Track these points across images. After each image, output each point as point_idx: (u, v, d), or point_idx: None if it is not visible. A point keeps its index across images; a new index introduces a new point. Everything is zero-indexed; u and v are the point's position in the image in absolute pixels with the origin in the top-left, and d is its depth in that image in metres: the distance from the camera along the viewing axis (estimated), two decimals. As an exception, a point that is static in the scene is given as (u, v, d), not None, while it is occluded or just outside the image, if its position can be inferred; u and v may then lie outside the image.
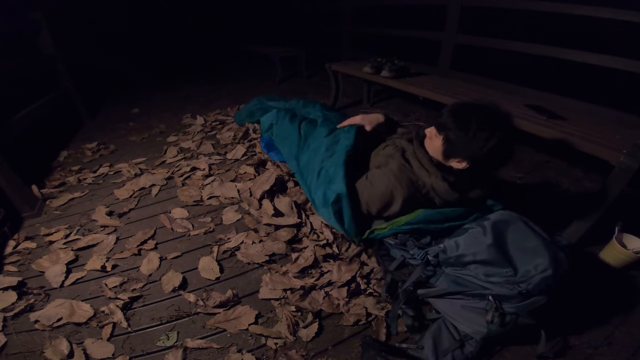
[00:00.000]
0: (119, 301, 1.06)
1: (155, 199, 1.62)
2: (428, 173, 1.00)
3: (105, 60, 4.26)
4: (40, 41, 2.45)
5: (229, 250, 1.26)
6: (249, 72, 4.32)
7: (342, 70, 2.48)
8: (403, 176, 1.02)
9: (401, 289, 0.96)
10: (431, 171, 1.00)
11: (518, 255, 0.83)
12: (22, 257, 1.29)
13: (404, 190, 1.00)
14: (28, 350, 0.93)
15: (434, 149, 1.00)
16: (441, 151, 0.97)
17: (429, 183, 0.99)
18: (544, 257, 0.80)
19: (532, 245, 0.83)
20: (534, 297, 0.78)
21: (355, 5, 3.44)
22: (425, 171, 1.01)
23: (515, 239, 0.86)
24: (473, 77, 2.23)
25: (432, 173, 0.99)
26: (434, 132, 0.99)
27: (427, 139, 1.04)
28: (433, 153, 1.02)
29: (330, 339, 0.94)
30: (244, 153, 1.91)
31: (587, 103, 1.69)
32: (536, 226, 0.89)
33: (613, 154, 1.04)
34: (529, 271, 0.80)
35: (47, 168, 2.00)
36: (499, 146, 0.88)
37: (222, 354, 0.91)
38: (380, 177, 1.06)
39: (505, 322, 0.81)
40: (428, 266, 0.93)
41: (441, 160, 1.00)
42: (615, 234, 1.12)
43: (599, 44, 1.82)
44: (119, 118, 2.88)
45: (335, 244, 1.23)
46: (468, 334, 0.87)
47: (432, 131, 1.00)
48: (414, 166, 1.03)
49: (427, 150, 1.04)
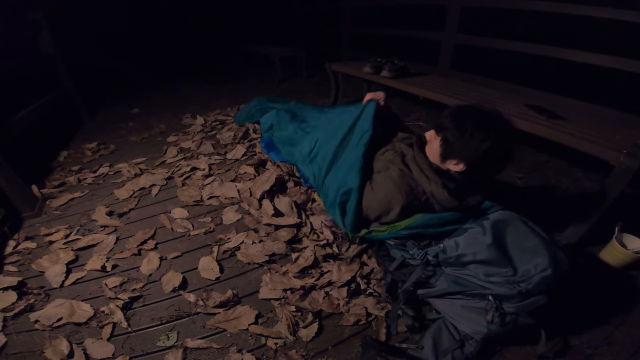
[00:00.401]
0: (119, 301, 1.06)
1: (155, 199, 1.62)
2: (428, 180, 1.00)
3: (105, 60, 4.26)
4: (40, 41, 2.45)
5: (229, 250, 1.26)
6: (249, 72, 4.32)
7: (342, 70, 2.48)
8: (402, 183, 1.01)
9: (401, 289, 0.96)
10: (431, 177, 1.00)
11: (518, 255, 0.83)
12: (22, 257, 1.29)
13: (402, 199, 1.00)
14: (28, 350, 0.93)
15: (433, 152, 1.00)
16: (439, 153, 0.98)
17: (429, 190, 1.00)
18: (543, 257, 0.80)
19: (531, 245, 0.83)
20: (534, 297, 0.78)
21: (355, 5, 3.45)
22: (425, 177, 1.01)
23: (515, 238, 0.86)
24: (473, 77, 2.23)
25: (432, 180, 0.99)
26: (433, 134, 0.99)
27: (428, 143, 1.04)
28: (432, 157, 1.02)
29: (330, 339, 0.94)
30: (244, 153, 1.91)
31: (587, 103, 1.69)
32: (535, 226, 0.89)
33: (613, 154, 1.04)
34: (528, 271, 0.80)
35: (47, 168, 2.00)
36: (494, 148, 0.88)
37: (222, 354, 0.91)
38: (380, 184, 1.06)
39: (506, 322, 0.81)
40: (428, 266, 0.93)
41: (440, 163, 1.00)
42: (615, 234, 1.12)
43: (599, 44, 1.82)
44: (119, 118, 2.88)
45: (335, 244, 1.23)
46: (468, 334, 0.87)
47: (431, 134, 1.00)
48: (414, 172, 1.03)
49: (427, 155, 1.04)
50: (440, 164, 1.00)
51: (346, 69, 2.41)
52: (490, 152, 0.88)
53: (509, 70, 2.22)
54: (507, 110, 1.38)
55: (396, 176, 1.03)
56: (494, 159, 0.93)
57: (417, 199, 1.01)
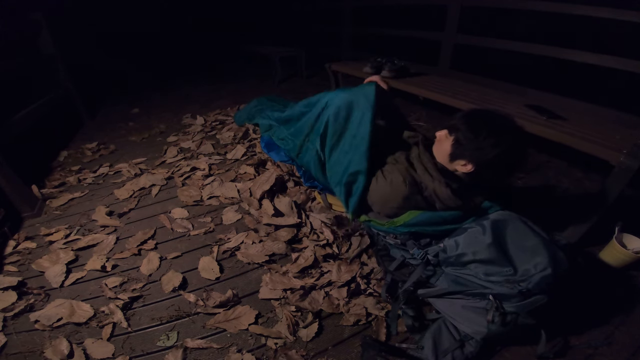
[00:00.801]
0: (119, 301, 1.06)
1: (155, 199, 1.62)
2: (431, 178, 1.01)
3: (105, 60, 4.26)
4: (40, 41, 2.45)
5: (229, 250, 1.26)
6: (249, 72, 4.32)
7: (342, 70, 2.48)
8: (407, 175, 1.03)
9: (401, 289, 0.96)
10: (434, 176, 1.00)
11: (517, 254, 0.83)
12: (22, 257, 1.29)
13: (406, 189, 1.01)
14: (28, 350, 0.93)
15: (442, 152, 1.01)
16: (449, 153, 0.98)
17: (432, 187, 1.00)
18: (543, 256, 0.80)
19: (531, 245, 0.83)
20: (535, 296, 0.78)
21: (355, 5, 3.44)
22: (429, 175, 1.01)
23: (515, 238, 0.86)
24: (473, 77, 2.23)
25: (435, 178, 1.00)
26: (445, 134, 1.00)
27: (437, 142, 1.05)
28: (439, 157, 1.03)
29: (330, 339, 0.95)
30: (244, 153, 1.91)
31: (587, 103, 1.69)
32: (535, 226, 0.89)
33: (613, 154, 1.04)
34: (528, 270, 0.80)
35: (47, 168, 2.00)
36: (505, 153, 0.90)
37: (222, 354, 0.91)
38: (384, 176, 1.07)
39: (506, 322, 0.80)
40: (428, 266, 0.93)
41: (447, 163, 1.01)
42: (615, 234, 1.12)
43: (599, 44, 1.82)
44: (119, 118, 2.88)
45: (335, 244, 1.23)
46: (468, 334, 0.87)
47: (443, 133, 1.01)
48: (418, 169, 1.04)
49: (434, 154, 1.05)
50: (447, 164, 1.01)
51: (346, 69, 2.42)
52: (501, 156, 0.89)
53: (509, 70, 2.22)
54: (507, 110, 1.39)
55: (402, 169, 1.04)
56: (504, 164, 0.94)
57: (419, 192, 1.02)
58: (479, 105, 1.50)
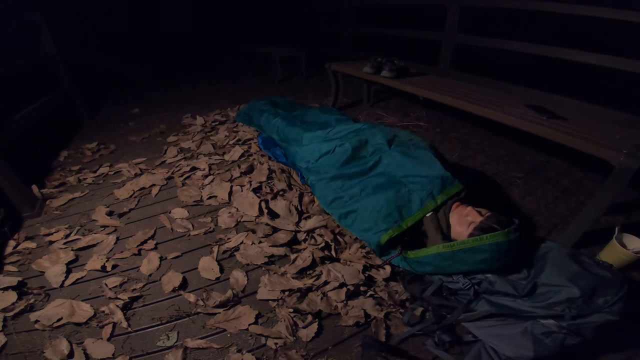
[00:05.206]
0: (119, 301, 1.06)
1: (155, 199, 1.62)
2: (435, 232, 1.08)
3: (105, 60, 4.26)
4: (40, 41, 2.45)
5: (229, 250, 1.26)
6: (249, 72, 4.32)
7: (342, 70, 2.48)
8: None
9: (443, 323, 0.92)
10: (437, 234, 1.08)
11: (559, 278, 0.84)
12: (22, 257, 1.29)
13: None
14: (28, 350, 0.93)
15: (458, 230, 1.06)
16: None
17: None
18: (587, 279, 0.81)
19: (574, 270, 0.85)
20: (585, 317, 0.78)
21: (355, 5, 3.44)
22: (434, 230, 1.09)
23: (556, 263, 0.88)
24: (473, 77, 2.23)
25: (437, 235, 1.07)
26: (469, 220, 1.04)
27: (458, 216, 1.09)
28: (455, 225, 1.08)
29: (330, 339, 0.94)
30: (241, 154, 1.91)
31: (587, 103, 1.69)
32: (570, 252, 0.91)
33: (613, 154, 1.04)
34: (573, 293, 0.80)
35: (47, 168, 2.00)
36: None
37: (222, 354, 0.91)
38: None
39: (556, 343, 0.79)
40: (477, 297, 0.93)
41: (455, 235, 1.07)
42: (615, 234, 1.12)
43: (599, 44, 1.82)
44: (119, 118, 2.88)
45: (333, 245, 1.23)
46: (511, 358, 0.84)
47: (469, 217, 1.05)
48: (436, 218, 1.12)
49: (451, 221, 1.10)
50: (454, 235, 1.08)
51: (346, 69, 2.41)
52: None
53: (509, 70, 2.22)
54: (507, 110, 1.39)
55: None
56: None
57: None
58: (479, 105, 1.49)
